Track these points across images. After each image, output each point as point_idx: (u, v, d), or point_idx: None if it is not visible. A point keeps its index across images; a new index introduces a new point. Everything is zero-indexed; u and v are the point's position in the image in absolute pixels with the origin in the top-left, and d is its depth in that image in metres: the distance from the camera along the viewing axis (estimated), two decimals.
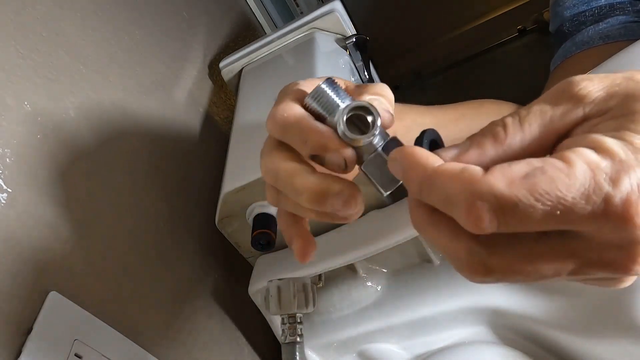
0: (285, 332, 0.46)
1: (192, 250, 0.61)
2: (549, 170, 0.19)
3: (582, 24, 0.56)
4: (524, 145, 0.22)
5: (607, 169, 0.19)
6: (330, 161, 0.28)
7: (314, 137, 0.28)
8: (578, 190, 0.19)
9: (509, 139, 0.22)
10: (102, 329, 0.43)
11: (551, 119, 0.22)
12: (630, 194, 0.18)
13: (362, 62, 0.70)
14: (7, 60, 0.44)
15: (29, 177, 0.42)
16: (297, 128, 0.28)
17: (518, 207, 0.19)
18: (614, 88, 0.22)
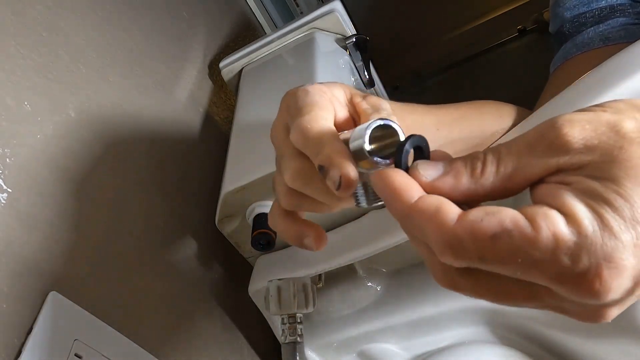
0: (285, 332, 0.46)
1: (192, 250, 0.61)
2: (515, 235, 0.20)
3: (582, 25, 0.55)
4: (496, 184, 0.23)
5: (571, 244, 0.19)
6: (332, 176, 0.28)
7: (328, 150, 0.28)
8: (538, 260, 0.20)
9: (484, 177, 0.23)
10: (102, 329, 0.43)
11: (526, 164, 0.22)
12: (586, 274, 0.19)
13: (362, 62, 0.70)
14: (7, 60, 0.44)
15: (29, 177, 0.42)
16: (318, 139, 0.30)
17: (483, 261, 0.21)
18: (593, 141, 0.21)
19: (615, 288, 0.19)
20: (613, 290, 0.19)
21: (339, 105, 0.35)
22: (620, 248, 0.19)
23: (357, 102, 0.35)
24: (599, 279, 0.19)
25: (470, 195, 0.23)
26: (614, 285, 0.19)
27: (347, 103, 0.36)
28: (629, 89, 0.42)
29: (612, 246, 0.19)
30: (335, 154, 0.28)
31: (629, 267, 0.19)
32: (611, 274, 0.19)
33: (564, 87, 0.46)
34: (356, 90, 0.37)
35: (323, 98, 0.34)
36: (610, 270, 0.19)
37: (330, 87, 0.36)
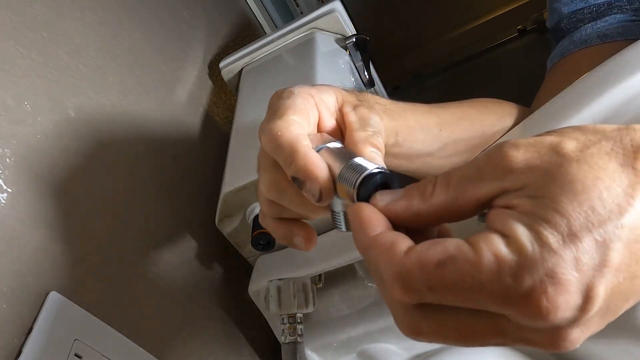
0: (285, 332, 0.46)
1: (192, 250, 0.61)
2: (459, 260, 0.20)
3: (579, 21, 0.56)
4: (446, 204, 0.24)
5: (512, 265, 0.20)
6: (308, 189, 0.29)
7: (301, 163, 0.29)
8: (482, 282, 0.20)
9: (433, 197, 0.24)
10: (102, 329, 0.43)
11: (474, 186, 0.23)
12: (531, 292, 0.19)
13: (362, 62, 0.70)
14: (7, 60, 0.44)
15: (29, 177, 0.42)
16: (288, 149, 0.29)
17: (431, 290, 0.21)
18: (535, 161, 0.22)
19: (563, 305, 0.19)
20: (561, 308, 0.19)
21: (327, 112, 0.35)
22: (561, 263, 0.19)
23: (345, 112, 0.35)
24: (545, 296, 0.19)
25: (422, 215, 0.24)
26: (561, 301, 0.19)
27: (337, 110, 0.35)
28: (629, 89, 0.42)
29: (553, 262, 0.19)
30: (311, 166, 0.28)
31: (573, 282, 0.19)
32: (556, 289, 0.19)
33: (561, 84, 0.46)
34: (351, 96, 0.37)
35: (305, 102, 0.33)
36: (554, 287, 0.19)
37: (321, 90, 0.35)
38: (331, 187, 0.28)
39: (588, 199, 0.20)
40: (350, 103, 0.36)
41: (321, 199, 0.29)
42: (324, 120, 0.35)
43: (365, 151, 0.31)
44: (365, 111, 0.35)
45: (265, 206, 0.34)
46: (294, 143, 0.29)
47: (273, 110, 0.33)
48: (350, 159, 0.28)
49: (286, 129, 0.30)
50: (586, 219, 0.19)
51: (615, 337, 0.45)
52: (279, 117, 0.31)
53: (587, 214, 0.20)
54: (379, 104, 0.40)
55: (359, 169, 0.27)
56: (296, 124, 0.31)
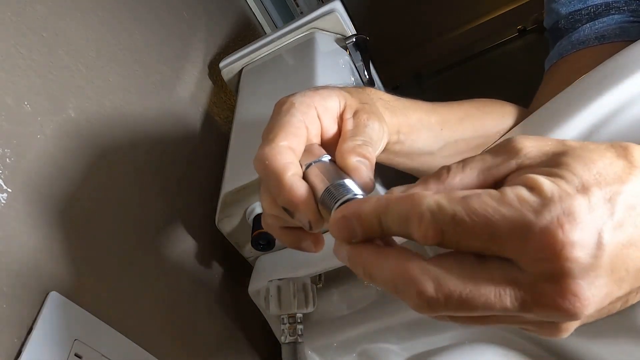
0: (285, 332, 0.46)
1: (192, 250, 0.61)
2: (483, 195, 0.22)
3: (577, 21, 0.56)
4: (463, 183, 0.25)
5: (534, 202, 0.21)
6: (298, 219, 0.30)
7: (287, 196, 0.29)
8: (504, 215, 0.21)
9: (449, 178, 0.25)
10: (102, 329, 0.43)
11: (489, 166, 0.25)
12: (549, 225, 0.20)
13: (362, 62, 0.70)
14: (7, 60, 0.44)
15: (29, 177, 0.42)
16: (275, 180, 0.30)
17: (455, 219, 0.22)
18: (545, 148, 0.24)
19: (578, 241, 0.20)
20: (576, 245, 0.20)
21: (330, 119, 0.35)
22: (578, 204, 0.21)
23: (344, 120, 0.35)
24: (562, 229, 0.20)
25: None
26: (576, 237, 0.20)
27: (339, 116, 0.35)
28: (629, 89, 0.42)
29: (571, 202, 0.21)
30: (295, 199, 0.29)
31: (587, 221, 0.21)
32: (572, 226, 0.20)
33: (560, 85, 0.46)
34: (354, 99, 0.36)
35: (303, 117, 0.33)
36: (571, 223, 0.20)
37: (325, 97, 0.35)
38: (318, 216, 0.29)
39: (596, 166, 0.22)
40: (352, 108, 0.36)
41: (312, 227, 0.30)
42: (326, 129, 0.35)
43: (349, 162, 0.31)
44: (364, 117, 0.35)
45: (270, 218, 0.34)
46: (280, 174, 0.30)
47: (267, 130, 0.33)
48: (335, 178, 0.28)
49: (273, 158, 0.30)
50: (596, 179, 0.22)
51: (615, 337, 0.45)
52: (268, 143, 0.31)
53: (596, 176, 0.22)
54: (382, 100, 0.40)
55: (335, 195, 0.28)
56: (284, 150, 0.31)
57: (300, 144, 0.32)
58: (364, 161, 0.31)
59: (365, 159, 0.31)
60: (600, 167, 0.22)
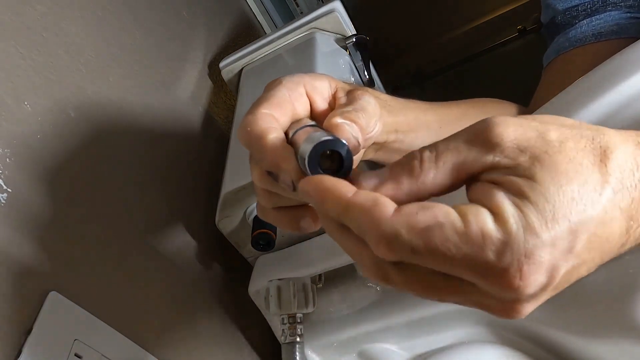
0: (285, 332, 0.46)
1: (192, 250, 0.61)
2: (446, 229, 0.21)
3: (574, 17, 0.56)
4: (436, 180, 0.24)
5: (497, 241, 0.21)
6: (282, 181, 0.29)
7: (269, 157, 0.29)
8: (466, 253, 0.21)
9: (423, 175, 0.24)
10: (102, 329, 0.43)
11: (464, 160, 0.24)
12: (509, 268, 0.21)
13: (362, 62, 0.70)
14: (7, 60, 0.44)
15: (29, 177, 0.42)
16: (256, 144, 0.30)
17: (413, 252, 0.22)
18: (524, 143, 0.23)
19: (532, 283, 0.21)
20: (530, 285, 0.21)
21: (320, 98, 0.34)
22: (540, 246, 0.21)
23: (337, 98, 0.35)
24: (520, 274, 0.21)
25: (412, 195, 0.24)
26: (531, 280, 0.21)
27: (330, 96, 0.35)
28: (629, 89, 0.42)
29: (533, 244, 0.21)
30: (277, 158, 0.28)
31: (545, 263, 0.21)
32: (530, 269, 0.21)
33: (558, 83, 0.46)
34: (346, 84, 0.36)
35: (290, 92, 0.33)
36: (529, 266, 0.21)
37: (314, 77, 0.35)
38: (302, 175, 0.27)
39: (571, 190, 0.21)
40: (344, 89, 0.35)
41: (295, 188, 0.28)
42: (317, 106, 0.34)
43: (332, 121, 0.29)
44: (358, 92, 0.34)
45: (263, 198, 0.33)
46: (261, 137, 0.29)
47: (252, 104, 0.33)
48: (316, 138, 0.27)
49: (254, 124, 0.30)
50: (567, 208, 0.21)
51: (615, 337, 0.46)
52: (250, 112, 0.31)
53: (568, 204, 0.21)
54: (380, 99, 0.40)
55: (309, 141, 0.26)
56: (265, 116, 0.31)
57: (283, 115, 0.32)
58: (349, 123, 0.30)
59: (352, 122, 0.30)
60: (574, 190, 0.22)
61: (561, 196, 0.21)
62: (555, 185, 0.22)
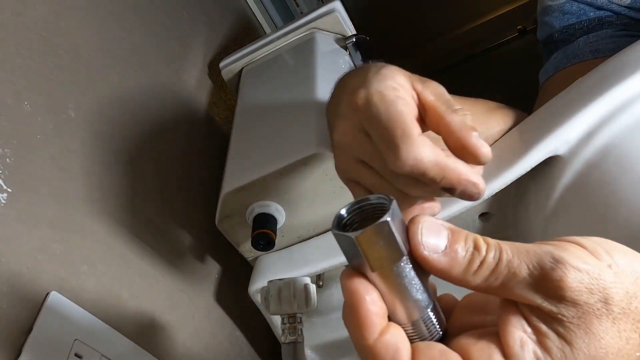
0: (286, 332, 0.46)
1: (192, 250, 0.61)
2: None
3: (572, 35, 0.56)
4: (480, 286, 0.23)
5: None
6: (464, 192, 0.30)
7: (453, 175, 0.30)
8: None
9: (476, 277, 0.23)
10: (102, 329, 0.43)
11: (515, 286, 0.22)
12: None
13: (362, 62, 0.70)
14: (7, 60, 0.44)
15: (29, 177, 0.42)
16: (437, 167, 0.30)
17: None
18: (581, 296, 0.21)
19: None
20: None
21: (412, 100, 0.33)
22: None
23: (419, 91, 0.34)
24: None
25: (454, 281, 0.24)
26: None
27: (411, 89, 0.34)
28: (629, 89, 0.42)
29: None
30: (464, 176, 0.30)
31: None
32: None
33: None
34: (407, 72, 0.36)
35: (407, 106, 0.32)
36: None
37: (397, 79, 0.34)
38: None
39: (597, 353, 0.21)
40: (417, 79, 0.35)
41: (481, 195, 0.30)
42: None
43: (471, 140, 0.30)
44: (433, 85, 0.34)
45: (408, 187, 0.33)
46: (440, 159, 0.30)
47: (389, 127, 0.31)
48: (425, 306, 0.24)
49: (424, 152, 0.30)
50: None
51: None
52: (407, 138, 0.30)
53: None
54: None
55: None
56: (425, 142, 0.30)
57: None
58: (477, 135, 0.31)
59: (474, 130, 0.31)
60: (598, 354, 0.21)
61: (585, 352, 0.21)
62: (584, 346, 0.21)
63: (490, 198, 0.47)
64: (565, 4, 0.56)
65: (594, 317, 0.21)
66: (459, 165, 0.30)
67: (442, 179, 0.30)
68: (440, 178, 0.30)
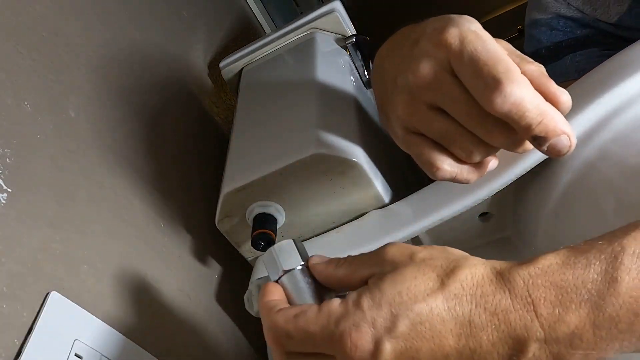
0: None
1: (192, 250, 0.61)
2: (308, 314, 0.30)
3: (560, 51, 0.57)
4: (345, 275, 0.33)
5: (337, 314, 0.29)
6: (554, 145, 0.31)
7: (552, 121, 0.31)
8: (318, 327, 0.29)
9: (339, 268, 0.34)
10: (102, 329, 0.43)
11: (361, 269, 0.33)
12: (343, 333, 0.28)
13: (362, 62, 0.70)
14: (7, 60, 0.44)
15: (29, 177, 0.42)
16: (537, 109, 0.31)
17: (289, 337, 0.30)
18: (396, 258, 0.31)
19: (360, 347, 0.28)
20: (359, 349, 0.28)
21: None
22: (364, 319, 0.28)
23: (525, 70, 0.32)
24: (350, 338, 0.28)
25: (331, 278, 0.34)
26: (359, 344, 0.28)
27: None
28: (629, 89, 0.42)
29: (359, 317, 0.28)
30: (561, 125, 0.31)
31: (367, 332, 0.28)
32: (357, 335, 0.28)
33: None
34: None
35: (501, 47, 0.32)
36: (356, 333, 0.28)
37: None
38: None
39: (401, 287, 0.29)
40: (514, 52, 0.35)
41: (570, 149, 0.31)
42: None
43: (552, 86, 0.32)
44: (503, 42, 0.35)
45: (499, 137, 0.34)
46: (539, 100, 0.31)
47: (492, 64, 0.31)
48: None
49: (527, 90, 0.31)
50: (392, 297, 0.28)
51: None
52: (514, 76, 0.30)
53: (394, 295, 0.29)
54: None
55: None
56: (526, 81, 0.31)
57: None
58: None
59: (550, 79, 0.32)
60: (404, 288, 0.29)
61: (391, 289, 0.29)
62: (391, 282, 0.29)
63: (490, 198, 0.47)
64: (552, 20, 0.56)
65: (401, 265, 0.30)
66: (558, 113, 0.30)
67: (538, 124, 0.30)
68: (537, 123, 0.30)
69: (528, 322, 0.26)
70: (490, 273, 0.28)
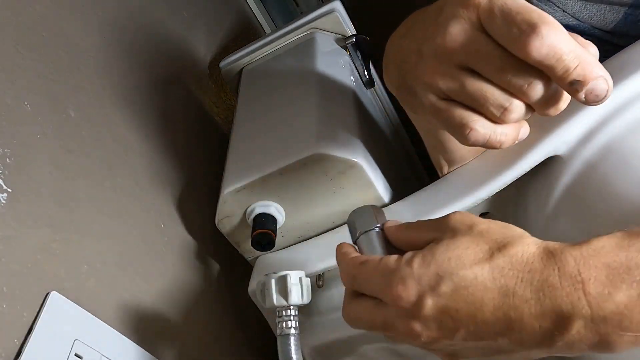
0: (281, 325, 0.46)
1: (192, 250, 0.61)
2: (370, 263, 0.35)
3: None
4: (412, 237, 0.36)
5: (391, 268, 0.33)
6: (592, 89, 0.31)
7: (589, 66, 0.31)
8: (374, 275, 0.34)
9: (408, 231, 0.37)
10: (102, 329, 0.43)
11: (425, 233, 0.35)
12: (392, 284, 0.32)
13: (362, 62, 0.70)
14: (7, 60, 0.44)
15: (29, 177, 0.42)
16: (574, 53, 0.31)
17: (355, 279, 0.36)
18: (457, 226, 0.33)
19: (405, 298, 0.31)
20: (404, 299, 0.31)
21: None
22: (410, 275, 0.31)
23: None
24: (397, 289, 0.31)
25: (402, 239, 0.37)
26: (404, 295, 0.31)
27: None
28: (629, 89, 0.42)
29: (407, 273, 0.31)
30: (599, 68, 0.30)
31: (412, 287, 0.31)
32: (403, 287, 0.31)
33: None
34: None
35: None
36: (403, 286, 0.31)
37: None
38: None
39: (452, 254, 0.31)
40: None
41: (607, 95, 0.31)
42: None
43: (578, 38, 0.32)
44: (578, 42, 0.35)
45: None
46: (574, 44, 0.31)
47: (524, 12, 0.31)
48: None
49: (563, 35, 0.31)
50: (441, 262, 0.31)
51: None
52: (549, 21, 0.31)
53: (443, 260, 0.31)
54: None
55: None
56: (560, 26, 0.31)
57: None
58: None
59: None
60: (453, 254, 0.31)
61: (442, 255, 0.31)
62: (445, 249, 0.31)
63: (490, 198, 0.47)
64: None
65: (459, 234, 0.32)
66: (593, 57, 0.30)
67: (576, 67, 0.30)
68: (574, 66, 0.30)
69: (575, 299, 0.26)
70: (542, 252, 0.29)
